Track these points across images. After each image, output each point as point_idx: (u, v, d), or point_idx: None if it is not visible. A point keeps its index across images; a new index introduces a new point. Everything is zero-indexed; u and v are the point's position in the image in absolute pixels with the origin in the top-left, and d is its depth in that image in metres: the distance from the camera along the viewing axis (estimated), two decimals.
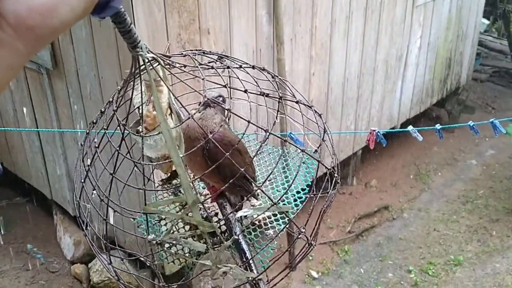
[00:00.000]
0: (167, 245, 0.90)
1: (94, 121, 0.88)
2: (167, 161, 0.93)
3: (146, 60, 0.74)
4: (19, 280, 3.86)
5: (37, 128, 3.85)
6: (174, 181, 1.07)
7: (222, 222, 0.97)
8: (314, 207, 0.84)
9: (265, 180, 0.82)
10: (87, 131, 0.89)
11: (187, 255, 0.91)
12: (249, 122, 0.78)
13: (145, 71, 0.76)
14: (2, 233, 4.26)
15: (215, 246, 0.87)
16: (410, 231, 4.71)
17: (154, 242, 0.88)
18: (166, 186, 1.08)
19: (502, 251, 4.34)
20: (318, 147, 0.87)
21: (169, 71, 0.81)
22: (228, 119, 0.98)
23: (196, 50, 0.90)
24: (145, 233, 0.93)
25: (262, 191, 0.80)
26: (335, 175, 0.90)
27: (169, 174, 1.08)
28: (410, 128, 2.09)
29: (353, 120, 4.68)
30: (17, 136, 4.17)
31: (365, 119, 4.84)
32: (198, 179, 1.06)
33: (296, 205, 1.04)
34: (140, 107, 0.85)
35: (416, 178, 5.53)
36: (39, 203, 4.52)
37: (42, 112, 3.71)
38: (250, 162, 0.97)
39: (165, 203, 0.93)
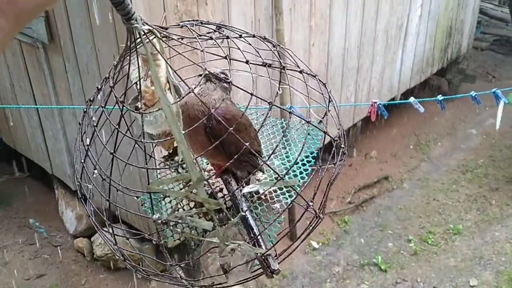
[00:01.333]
0: (172, 223, 0.89)
1: (91, 98, 0.85)
2: (168, 138, 0.92)
3: (142, 33, 0.71)
4: (22, 254, 3.90)
5: (35, 103, 3.82)
6: (177, 158, 1.05)
7: (228, 199, 0.96)
8: (320, 179, 0.83)
9: (271, 154, 0.80)
10: (85, 110, 0.86)
11: (193, 233, 0.90)
12: (252, 94, 0.75)
13: (141, 44, 0.73)
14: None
15: (222, 223, 0.85)
16: (410, 201, 4.73)
17: (160, 221, 0.86)
18: (168, 163, 1.06)
19: (501, 220, 4.37)
20: (323, 117, 0.85)
21: (167, 44, 0.79)
22: (229, 92, 0.96)
23: (194, 20, 0.88)
24: (150, 212, 0.92)
25: (268, 165, 0.78)
26: (342, 145, 0.88)
27: (171, 150, 1.06)
28: (411, 99, 2.07)
29: (353, 91, 4.65)
30: (16, 111, 4.14)
31: (365, 89, 4.81)
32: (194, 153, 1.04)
33: (302, 178, 1.02)
34: (138, 82, 0.82)
35: (416, 148, 5.53)
36: (40, 178, 4.53)
37: (40, 87, 3.67)
38: (255, 135, 0.95)
39: (169, 182, 0.91)
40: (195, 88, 0.84)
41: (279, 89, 0.80)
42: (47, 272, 3.74)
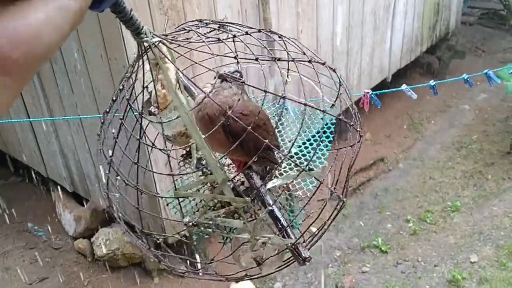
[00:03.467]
0: (203, 225, 0.90)
1: (107, 110, 0.86)
2: (189, 144, 0.93)
3: (153, 46, 0.72)
4: (23, 259, 3.89)
5: (25, 106, 3.78)
6: (196, 155, 1.07)
7: (254, 196, 0.97)
8: (336, 162, 0.85)
9: (291, 148, 0.82)
10: (102, 121, 0.87)
11: (224, 231, 0.92)
12: (265, 91, 0.77)
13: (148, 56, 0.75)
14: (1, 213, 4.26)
15: (250, 219, 0.87)
16: (407, 181, 4.75)
17: (190, 224, 0.88)
18: (187, 161, 1.08)
19: (498, 194, 4.40)
20: (335, 101, 0.87)
21: (178, 53, 0.79)
22: (244, 88, 0.96)
23: (197, 21, 0.87)
24: (177, 214, 0.94)
25: (290, 159, 0.82)
26: (358, 129, 0.89)
27: (188, 148, 1.08)
28: (403, 86, 2.06)
29: (344, 75, 4.63)
30: (6, 115, 4.10)
31: (356, 72, 4.79)
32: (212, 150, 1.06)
33: (321, 163, 1.04)
34: (149, 87, 0.83)
35: (409, 128, 5.54)
36: (35, 182, 4.51)
37: (29, 89, 3.63)
38: (273, 131, 0.95)
39: (195, 185, 0.93)
40: (210, 92, 0.85)
41: (288, 77, 0.81)
42: (49, 275, 3.74)
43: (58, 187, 4.14)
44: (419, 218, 4.26)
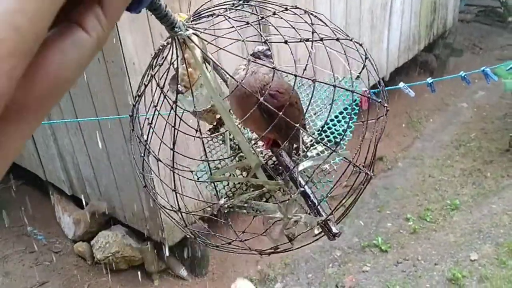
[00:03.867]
0: (238, 207, 0.93)
1: (139, 93, 0.86)
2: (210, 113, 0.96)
3: (188, 39, 0.73)
4: (23, 263, 3.89)
5: None
6: (222, 129, 1.10)
7: (285, 176, 0.99)
8: (362, 137, 0.87)
9: (321, 130, 0.86)
10: (134, 103, 0.88)
11: (257, 212, 0.95)
12: (295, 75, 0.77)
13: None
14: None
15: (283, 200, 0.90)
16: (406, 180, 4.75)
17: (226, 205, 0.90)
18: (215, 136, 1.11)
19: (497, 192, 4.40)
20: (360, 72, 0.89)
21: (207, 41, 0.80)
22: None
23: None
24: (209, 190, 0.97)
25: (321, 142, 0.86)
26: (385, 104, 0.91)
27: (215, 123, 1.09)
28: (401, 84, 2.06)
29: (342, 74, 4.62)
30: None
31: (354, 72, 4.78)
32: (243, 126, 1.07)
33: (346, 136, 1.05)
34: (179, 67, 0.84)
35: (408, 126, 5.54)
36: (34, 185, 4.50)
37: None
38: (302, 110, 0.97)
39: (230, 170, 0.95)
40: (244, 70, 0.86)
41: (311, 53, 0.81)
42: (49, 279, 3.73)
43: (57, 190, 4.14)
44: (419, 216, 4.26)
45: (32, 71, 0.33)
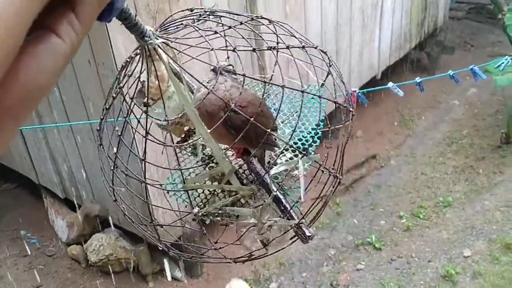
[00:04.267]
0: (212, 214, 0.94)
1: (107, 107, 0.87)
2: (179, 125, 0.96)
3: (158, 48, 0.73)
4: (17, 267, 3.87)
5: None
6: (191, 140, 1.10)
7: (257, 182, 1.00)
8: (330, 141, 0.91)
9: (291, 135, 0.86)
10: (101, 117, 0.88)
11: (230, 218, 0.96)
12: (265, 82, 0.79)
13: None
14: None
15: (256, 205, 0.92)
16: (399, 177, 4.77)
17: (200, 214, 0.90)
18: (184, 146, 1.11)
19: (489, 188, 4.43)
20: (324, 80, 0.89)
21: (178, 50, 0.80)
22: (239, 80, 0.98)
23: (188, 10, 0.88)
24: (188, 206, 0.99)
25: (292, 146, 0.85)
26: (350, 109, 0.93)
27: (183, 135, 1.10)
28: (390, 84, 2.07)
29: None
30: None
31: (346, 71, 4.80)
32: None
33: (314, 142, 1.07)
34: (144, 79, 0.85)
35: (400, 124, 5.56)
36: (27, 188, 4.49)
37: None
38: (270, 115, 0.98)
39: (202, 178, 0.96)
40: (210, 85, 0.87)
41: (277, 63, 0.82)
42: (43, 282, 3.72)
43: (50, 193, 4.13)
44: (412, 214, 4.28)
45: (8, 79, 0.33)
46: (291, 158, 1.03)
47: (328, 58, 0.90)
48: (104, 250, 3.59)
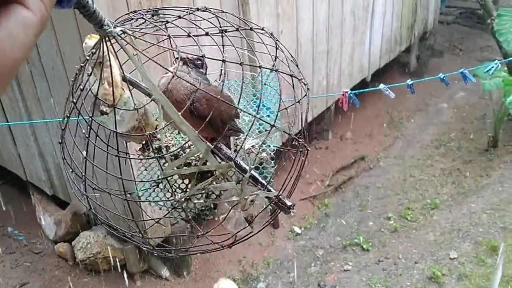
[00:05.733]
0: (196, 197, 0.96)
1: (68, 114, 0.88)
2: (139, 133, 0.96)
3: (118, 36, 0.74)
4: (3, 264, 3.84)
5: (3, 108, 3.73)
6: (154, 145, 1.09)
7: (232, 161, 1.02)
8: (294, 116, 0.91)
9: (257, 110, 0.86)
10: (62, 128, 0.91)
11: (214, 198, 0.99)
12: (223, 81, 0.82)
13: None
14: None
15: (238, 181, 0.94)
16: (387, 179, 4.80)
17: (183, 199, 0.91)
18: (146, 154, 1.10)
19: (476, 191, 4.48)
20: (273, 65, 0.88)
21: (145, 40, 0.82)
22: (203, 74, 0.99)
23: (150, 9, 0.89)
24: (167, 195, 1.01)
25: (259, 118, 0.87)
26: (304, 82, 0.94)
27: (143, 142, 1.09)
28: (381, 86, 2.09)
29: (324, 75, 4.67)
30: None
31: (336, 72, 4.83)
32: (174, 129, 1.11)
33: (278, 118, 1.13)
34: (95, 87, 0.86)
35: (389, 126, 5.60)
36: (15, 185, 4.45)
37: (6, 92, 3.59)
38: (233, 102, 0.99)
39: (180, 162, 0.96)
40: (175, 71, 0.87)
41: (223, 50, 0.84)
42: (29, 280, 3.69)
43: (38, 190, 4.09)
44: (399, 215, 4.31)
45: None
46: (253, 147, 1.05)
47: (275, 41, 0.92)
48: (91, 248, 3.57)
